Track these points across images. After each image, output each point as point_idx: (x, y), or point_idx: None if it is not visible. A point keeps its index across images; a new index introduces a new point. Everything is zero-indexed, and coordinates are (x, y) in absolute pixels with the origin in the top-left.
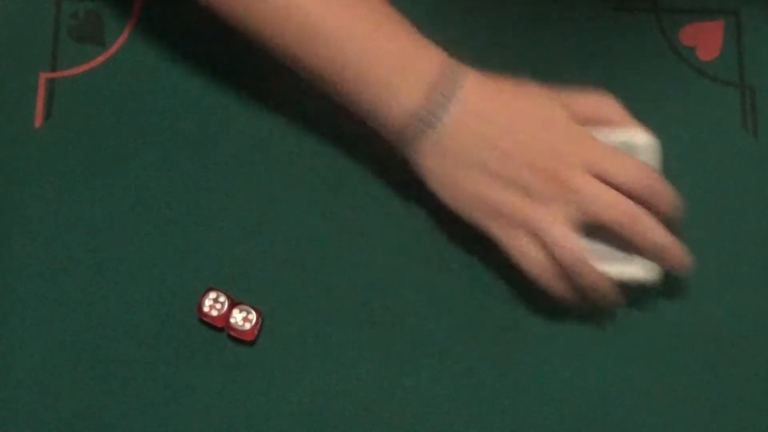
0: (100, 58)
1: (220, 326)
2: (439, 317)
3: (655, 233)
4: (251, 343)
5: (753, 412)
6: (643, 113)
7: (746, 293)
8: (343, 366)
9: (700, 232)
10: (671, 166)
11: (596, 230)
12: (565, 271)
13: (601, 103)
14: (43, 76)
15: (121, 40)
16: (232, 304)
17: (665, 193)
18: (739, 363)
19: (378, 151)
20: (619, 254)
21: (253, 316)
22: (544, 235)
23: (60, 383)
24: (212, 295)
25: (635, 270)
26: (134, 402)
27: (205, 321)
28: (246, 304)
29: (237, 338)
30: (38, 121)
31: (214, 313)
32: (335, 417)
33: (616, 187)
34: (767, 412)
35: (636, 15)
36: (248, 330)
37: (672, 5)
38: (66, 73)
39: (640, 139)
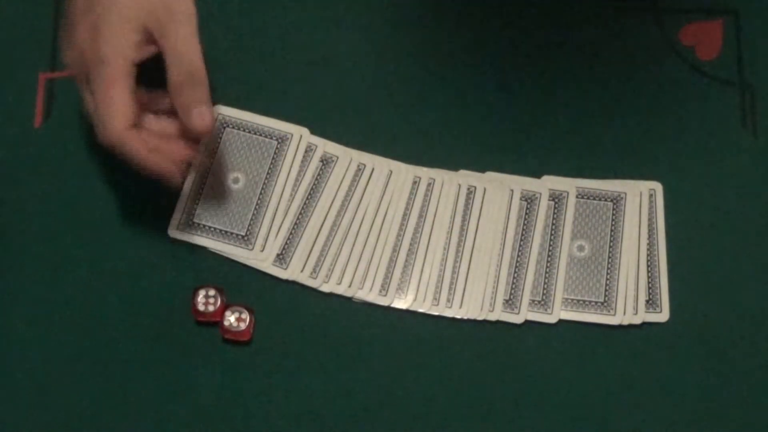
0: None
1: (217, 321)
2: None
3: None
4: (247, 343)
5: (753, 412)
6: (642, 112)
7: (746, 293)
8: (342, 364)
9: (700, 231)
10: (671, 166)
11: None
12: None
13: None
14: (43, 77)
15: None
16: (224, 304)
17: None
18: (739, 363)
19: None
20: None
21: (246, 315)
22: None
23: (59, 383)
24: (202, 292)
25: None
26: (133, 402)
27: (201, 321)
28: (237, 305)
29: (233, 340)
30: (38, 121)
31: (210, 309)
32: (335, 416)
33: None
34: (767, 412)
35: (636, 15)
36: (244, 330)
37: (671, 5)
38: (66, 73)
39: None
